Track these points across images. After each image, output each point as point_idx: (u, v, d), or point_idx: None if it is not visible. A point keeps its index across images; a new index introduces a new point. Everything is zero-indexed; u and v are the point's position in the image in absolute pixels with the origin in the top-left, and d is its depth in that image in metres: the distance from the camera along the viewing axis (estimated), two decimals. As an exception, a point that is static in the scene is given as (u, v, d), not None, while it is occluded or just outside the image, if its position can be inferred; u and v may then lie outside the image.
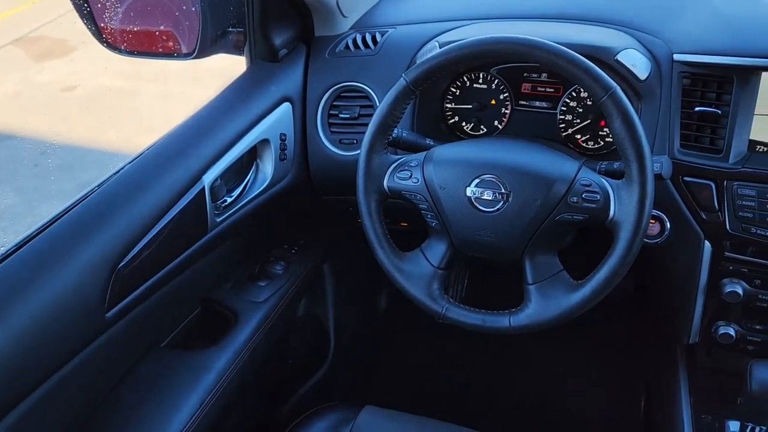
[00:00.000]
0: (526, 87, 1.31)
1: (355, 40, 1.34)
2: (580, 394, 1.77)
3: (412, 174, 1.05)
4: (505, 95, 1.31)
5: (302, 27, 1.35)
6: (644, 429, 1.41)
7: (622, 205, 0.93)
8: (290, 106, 1.29)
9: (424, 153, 1.07)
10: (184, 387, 1.07)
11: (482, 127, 1.34)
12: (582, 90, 1.22)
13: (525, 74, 1.30)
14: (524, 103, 1.31)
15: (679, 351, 1.26)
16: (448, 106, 1.35)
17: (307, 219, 1.55)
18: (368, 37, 1.33)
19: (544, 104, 1.29)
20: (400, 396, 1.86)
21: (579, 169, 0.98)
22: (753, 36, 1.06)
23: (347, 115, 1.31)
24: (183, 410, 1.04)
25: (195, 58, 1.25)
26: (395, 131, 1.12)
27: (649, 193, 0.90)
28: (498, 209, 0.99)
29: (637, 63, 1.10)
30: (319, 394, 1.59)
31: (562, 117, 1.27)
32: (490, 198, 0.99)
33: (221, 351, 1.16)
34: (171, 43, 1.28)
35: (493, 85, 1.31)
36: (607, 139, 1.24)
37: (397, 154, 1.09)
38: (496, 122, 1.33)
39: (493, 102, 1.32)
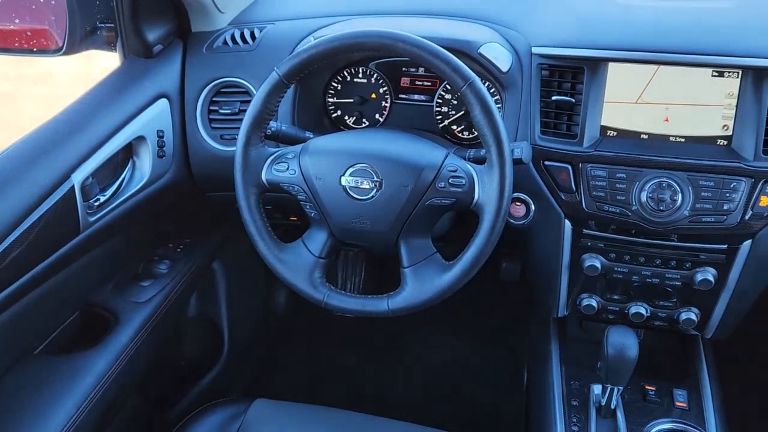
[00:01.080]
0: (405, 81, 1.36)
1: (233, 36, 1.34)
2: (475, 374, 1.85)
3: (289, 166, 1.06)
4: (384, 89, 1.35)
5: (178, 22, 1.34)
6: (526, 400, 1.50)
7: (485, 188, 0.99)
8: (167, 102, 1.27)
9: (302, 145, 1.09)
10: (60, 392, 1.03)
11: (364, 120, 1.38)
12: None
13: (403, 69, 1.35)
14: (404, 96, 1.36)
15: (551, 324, 1.35)
16: (330, 100, 1.38)
17: (195, 217, 1.53)
18: (246, 33, 1.34)
19: (422, 97, 1.35)
20: (301, 388, 1.88)
21: (446, 157, 1.03)
22: (601, 31, 1.16)
23: (228, 111, 1.31)
24: (58, 415, 1.01)
25: (64, 54, 1.22)
26: (274, 125, 1.14)
27: (508, 176, 0.97)
28: (372, 197, 1.03)
29: (499, 56, 1.17)
30: (215, 393, 1.58)
31: (438, 109, 1.33)
32: (363, 186, 1.02)
33: (100, 353, 1.13)
34: (38, 39, 1.23)
35: (373, 80, 1.35)
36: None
37: (279, 148, 1.11)
38: (377, 115, 1.37)
39: (374, 96, 1.37)
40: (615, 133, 1.14)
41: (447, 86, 1.30)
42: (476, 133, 1.31)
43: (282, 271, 1.08)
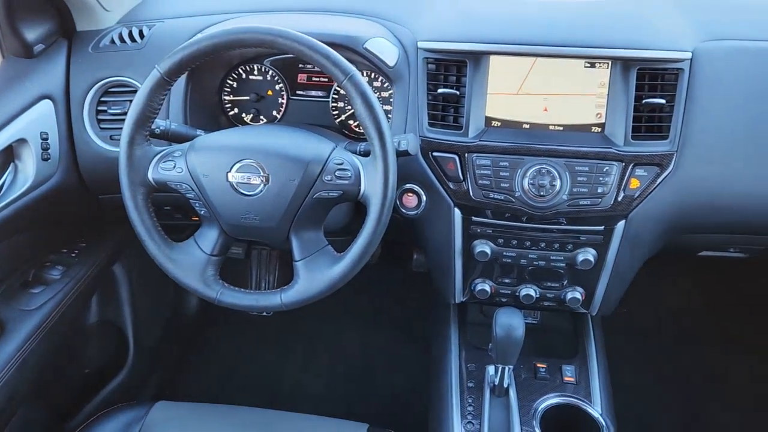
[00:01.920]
0: (302, 77, 1.37)
1: (120, 35, 1.31)
2: (388, 364, 1.89)
3: (175, 164, 1.06)
4: (280, 86, 1.36)
5: (60, 21, 1.30)
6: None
7: (370, 180, 1.01)
8: (51, 103, 1.24)
9: (189, 143, 1.08)
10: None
11: (262, 117, 1.38)
12: None
13: (300, 65, 1.36)
14: (301, 92, 1.37)
15: (452, 310, 1.40)
16: (227, 98, 1.37)
17: (89, 220, 1.49)
18: (135, 31, 1.31)
19: (318, 93, 1.36)
20: (215, 389, 1.86)
21: (333, 150, 1.05)
22: (483, 25, 1.20)
23: (117, 111, 1.29)
24: None
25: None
26: (163, 124, 1.12)
27: (391, 168, 1.00)
28: (259, 192, 1.03)
29: (385, 50, 1.19)
30: (121, 399, 1.54)
31: (335, 104, 1.35)
32: (250, 182, 1.03)
33: None
34: None
35: (269, 77, 1.36)
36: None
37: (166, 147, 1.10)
38: (274, 112, 1.38)
39: (270, 93, 1.37)
40: (499, 124, 1.19)
41: None
42: None
43: (173, 270, 1.07)
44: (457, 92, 1.17)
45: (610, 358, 1.31)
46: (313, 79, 1.36)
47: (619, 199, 1.14)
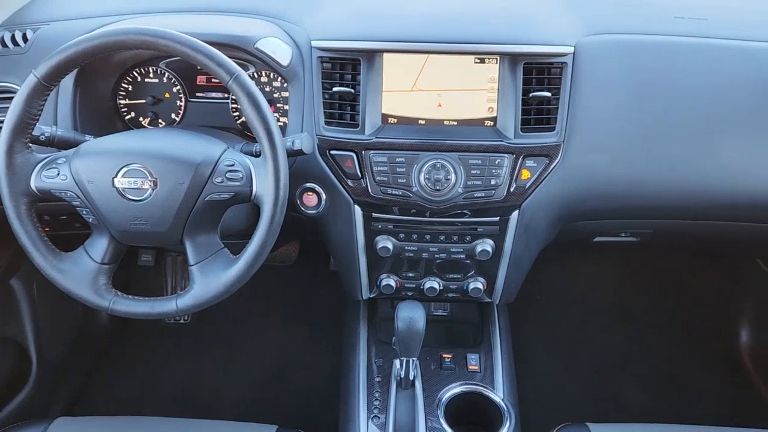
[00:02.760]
0: (201, 79, 1.35)
1: (2, 39, 1.26)
2: (305, 364, 1.89)
3: (59, 171, 1.02)
4: (177, 88, 1.33)
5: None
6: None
7: (262, 180, 1.01)
8: None
9: (74, 149, 1.05)
10: None
11: (160, 121, 1.35)
12: None
13: (199, 67, 1.33)
14: (200, 94, 1.35)
15: (362, 307, 1.41)
16: (122, 102, 1.34)
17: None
18: (18, 35, 1.26)
19: (218, 95, 1.35)
20: (129, 402, 1.81)
21: (224, 151, 1.04)
22: (375, 23, 1.22)
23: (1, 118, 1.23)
24: None
25: None
26: (48, 130, 1.08)
27: (281, 167, 1.00)
28: (147, 197, 1.01)
29: (278, 50, 1.19)
30: (24, 417, 1.48)
31: (234, 106, 1.33)
32: (138, 187, 1.01)
33: None
34: None
35: (165, 79, 1.33)
36: (278, 124, 1.33)
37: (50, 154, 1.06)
38: (173, 115, 1.35)
39: (168, 95, 1.34)
40: (395, 120, 1.21)
41: None
42: None
43: (62, 281, 1.04)
44: (353, 90, 1.18)
45: (523, 345, 1.35)
46: (213, 80, 1.34)
47: (512, 190, 1.18)
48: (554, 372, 1.90)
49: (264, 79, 1.32)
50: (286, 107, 1.27)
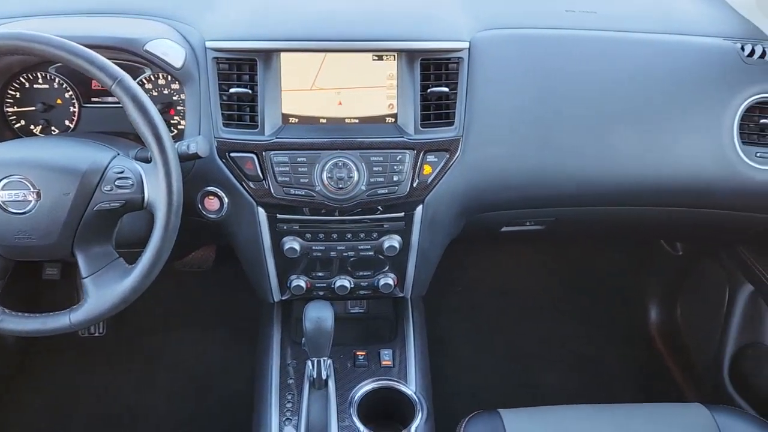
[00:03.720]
0: (96, 84, 1.30)
1: None
2: (227, 370, 1.85)
3: None
4: (70, 94, 1.28)
5: None
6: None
7: (153, 187, 0.98)
8: None
9: None
10: None
11: (53, 128, 1.30)
12: (145, 82, 1.26)
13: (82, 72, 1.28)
14: (96, 99, 1.30)
15: (275, 309, 1.40)
16: (10, 110, 1.27)
17: None
18: None
19: (115, 99, 1.29)
20: (44, 422, 1.73)
21: (113, 158, 1.00)
22: (271, 22, 1.20)
23: None
24: None
25: None
26: None
27: (173, 172, 0.97)
28: (31, 209, 0.96)
29: (169, 51, 1.16)
30: None
31: None
32: (20, 199, 0.96)
33: None
34: None
35: (56, 84, 1.27)
36: (179, 127, 1.29)
37: None
38: (66, 122, 1.29)
39: (60, 101, 1.29)
40: (296, 120, 1.20)
41: None
42: (175, 132, 1.29)
43: None
44: (250, 91, 1.16)
45: (445, 336, 1.36)
46: (109, 85, 1.29)
47: (414, 185, 1.19)
48: (474, 361, 1.94)
49: (162, 81, 1.28)
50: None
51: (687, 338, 1.86)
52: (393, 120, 1.21)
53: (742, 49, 1.31)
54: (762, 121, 1.28)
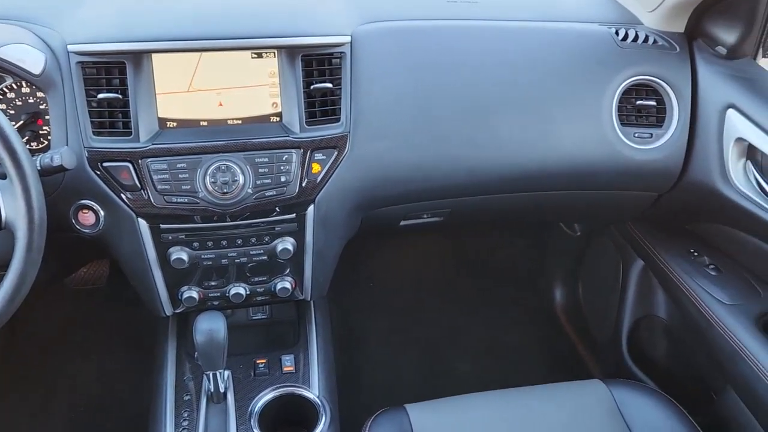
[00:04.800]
0: None
1: None
2: (130, 391, 1.76)
3: None
4: None
5: None
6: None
7: (11, 205, 0.90)
8: None
9: None
10: None
11: None
12: (7, 92, 1.16)
13: None
14: None
15: (170, 322, 1.33)
16: None
17: None
18: None
19: None
20: None
21: None
22: (140, 23, 1.13)
23: None
24: None
25: None
26: None
27: (33, 187, 0.90)
28: None
29: (26, 57, 1.07)
30: None
31: None
32: None
33: None
34: None
35: None
36: (50, 138, 1.20)
37: None
38: None
39: None
40: (175, 124, 1.14)
41: None
42: (45, 143, 1.20)
43: None
44: (121, 96, 1.09)
45: (358, 334, 1.33)
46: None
47: (304, 185, 1.16)
48: (389, 355, 1.93)
49: (26, 89, 1.18)
50: None
51: (589, 316, 1.92)
52: (277, 119, 1.17)
53: (617, 33, 1.36)
54: (638, 102, 1.33)
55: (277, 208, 1.17)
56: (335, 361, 1.32)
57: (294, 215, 1.19)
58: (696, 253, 1.46)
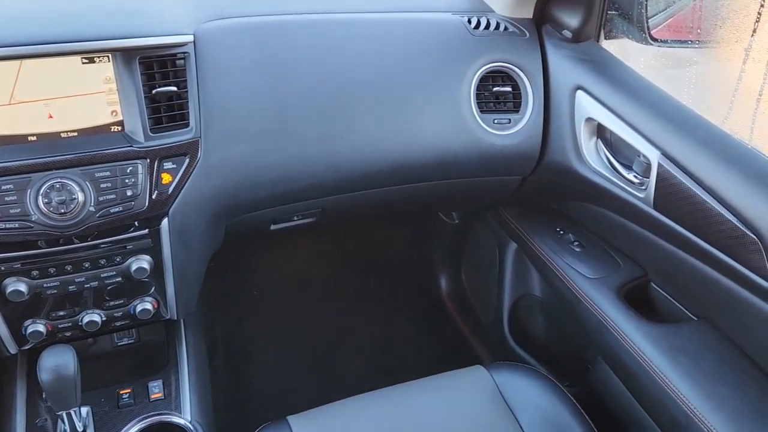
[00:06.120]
0: None
1: None
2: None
3: None
4: None
5: None
6: None
7: None
8: None
9: None
10: None
11: None
12: None
13: None
14: None
15: (18, 361, 1.20)
16: None
17: None
18: None
19: None
20: None
21: None
22: None
23: None
24: None
25: None
26: None
27: None
28: None
29: None
30: None
31: None
32: None
33: None
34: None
35: None
36: None
37: None
38: None
39: None
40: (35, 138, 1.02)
41: None
42: None
43: None
44: None
45: (247, 344, 1.25)
46: None
47: (154, 197, 1.07)
48: (277, 363, 1.87)
49: None
50: None
51: (473, 301, 1.95)
52: (119, 128, 1.07)
53: (469, 22, 1.37)
54: (495, 89, 1.35)
55: (135, 224, 1.08)
56: (223, 374, 1.24)
57: (147, 230, 1.11)
58: (561, 232, 1.52)
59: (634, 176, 1.24)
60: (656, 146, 1.16)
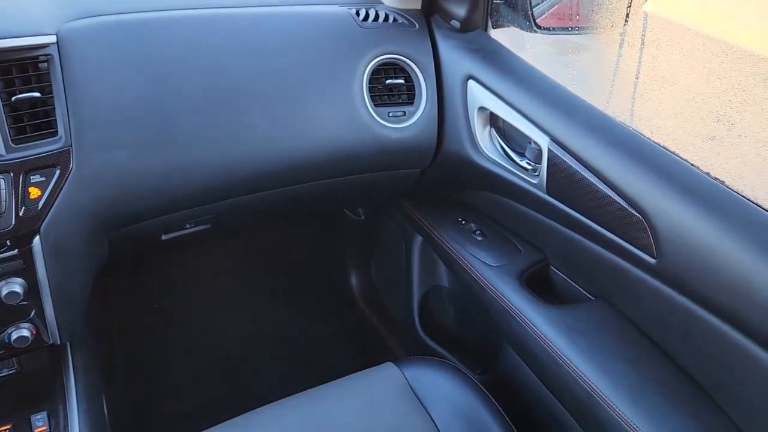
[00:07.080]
0: None
1: None
2: None
3: None
4: None
5: None
6: None
7: None
8: None
9: None
10: None
11: None
12: None
13: None
14: None
15: None
16: None
17: None
18: None
19: None
20: None
21: None
22: None
23: None
24: None
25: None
26: None
27: None
28: None
29: None
30: None
31: None
32: None
33: None
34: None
35: None
36: None
37: None
38: None
39: None
40: None
41: None
42: None
43: None
44: None
45: (148, 364, 1.16)
46: None
47: (21, 214, 0.98)
48: (192, 376, 1.79)
49: None
50: None
51: (385, 297, 1.94)
52: None
53: (357, 14, 1.35)
54: (388, 82, 1.33)
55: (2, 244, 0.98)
56: (126, 396, 1.15)
57: (16, 251, 1.01)
58: (463, 222, 1.52)
59: (527, 163, 1.25)
60: (546, 132, 1.17)
